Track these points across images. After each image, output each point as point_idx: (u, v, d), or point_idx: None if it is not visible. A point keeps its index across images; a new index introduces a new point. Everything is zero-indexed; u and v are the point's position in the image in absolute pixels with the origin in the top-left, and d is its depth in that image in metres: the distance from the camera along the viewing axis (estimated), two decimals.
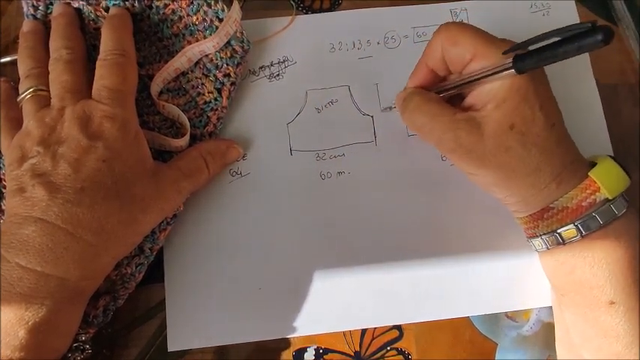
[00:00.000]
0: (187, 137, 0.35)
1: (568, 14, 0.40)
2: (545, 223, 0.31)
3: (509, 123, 0.29)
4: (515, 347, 0.35)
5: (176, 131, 0.37)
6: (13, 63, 0.37)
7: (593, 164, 0.31)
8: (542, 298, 0.35)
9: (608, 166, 0.30)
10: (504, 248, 0.36)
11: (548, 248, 0.31)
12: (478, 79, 0.30)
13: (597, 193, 0.29)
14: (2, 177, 0.35)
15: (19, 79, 0.34)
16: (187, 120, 0.36)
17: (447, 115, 0.31)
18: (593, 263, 0.29)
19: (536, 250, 0.33)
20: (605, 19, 0.41)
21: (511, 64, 0.28)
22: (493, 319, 0.36)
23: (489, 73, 0.29)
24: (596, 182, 0.29)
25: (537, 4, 0.40)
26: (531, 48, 0.28)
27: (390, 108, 0.37)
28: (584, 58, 0.40)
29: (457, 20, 0.40)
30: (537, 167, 0.29)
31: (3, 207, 0.34)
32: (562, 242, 0.30)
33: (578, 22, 0.38)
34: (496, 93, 0.29)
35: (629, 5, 0.40)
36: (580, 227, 0.29)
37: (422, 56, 0.34)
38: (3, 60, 0.38)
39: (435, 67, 0.33)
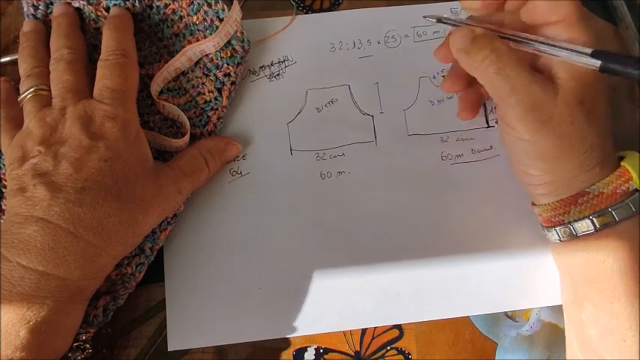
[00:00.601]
0: (187, 137, 0.35)
1: None
2: (578, 209, 0.30)
3: (581, 98, 0.29)
4: (515, 347, 0.35)
5: (176, 131, 0.37)
6: (13, 63, 0.37)
7: (620, 157, 0.31)
8: (543, 298, 0.35)
9: (637, 158, 0.31)
10: (505, 248, 0.36)
11: (577, 236, 0.31)
12: (560, 49, 0.29)
13: (630, 182, 0.30)
14: (2, 176, 0.35)
15: (19, 78, 0.34)
16: (187, 120, 0.36)
17: (525, 68, 0.29)
18: (624, 252, 0.30)
19: (560, 240, 0.32)
20: (606, 19, 0.41)
21: (598, 64, 0.27)
22: (493, 318, 0.36)
23: (574, 50, 0.28)
24: (629, 171, 0.30)
25: None
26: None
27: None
28: None
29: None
30: (591, 148, 0.30)
31: (3, 207, 0.34)
32: (595, 229, 0.30)
33: None
34: (574, 66, 0.29)
35: (629, 5, 0.40)
36: (614, 214, 0.30)
37: None
38: (3, 60, 0.38)
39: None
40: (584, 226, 0.31)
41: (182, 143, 0.35)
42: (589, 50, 0.28)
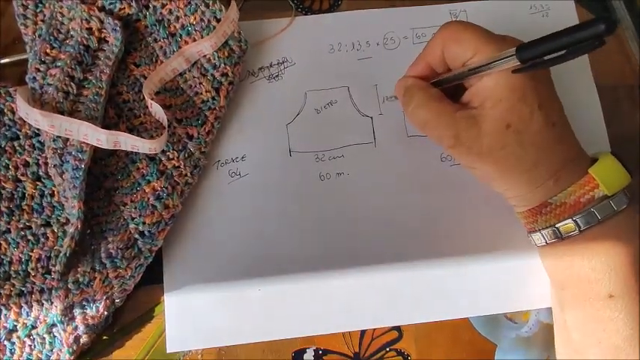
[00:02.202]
0: (163, 139, 0.34)
1: (567, 15, 0.40)
2: (543, 218, 0.31)
3: (506, 122, 0.29)
4: (515, 348, 0.35)
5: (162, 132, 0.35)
6: (13, 63, 0.37)
7: (595, 160, 0.31)
8: (542, 300, 0.35)
9: (608, 164, 0.30)
10: (504, 249, 0.36)
11: (547, 243, 0.31)
12: (481, 67, 0.29)
13: (596, 190, 0.29)
14: (1, 177, 0.35)
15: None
16: (166, 120, 0.35)
17: (448, 113, 0.31)
18: (592, 257, 0.30)
19: (536, 245, 0.33)
20: (606, 19, 0.41)
21: (514, 52, 0.27)
22: (492, 320, 0.36)
23: (492, 60, 0.29)
24: (595, 179, 0.30)
25: (536, 5, 0.40)
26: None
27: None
28: (584, 60, 0.39)
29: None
30: (534, 165, 0.30)
31: (2, 208, 0.34)
32: (560, 237, 0.30)
33: (578, 23, 0.38)
34: (492, 92, 0.30)
35: (628, 6, 0.40)
36: (578, 222, 0.30)
37: (422, 53, 0.34)
38: (3, 61, 0.38)
39: (434, 65, 0.33)
40: (550, 234, 0.31)
41: (155, 145, 0.33)
42: (512, 51, 0.27)
